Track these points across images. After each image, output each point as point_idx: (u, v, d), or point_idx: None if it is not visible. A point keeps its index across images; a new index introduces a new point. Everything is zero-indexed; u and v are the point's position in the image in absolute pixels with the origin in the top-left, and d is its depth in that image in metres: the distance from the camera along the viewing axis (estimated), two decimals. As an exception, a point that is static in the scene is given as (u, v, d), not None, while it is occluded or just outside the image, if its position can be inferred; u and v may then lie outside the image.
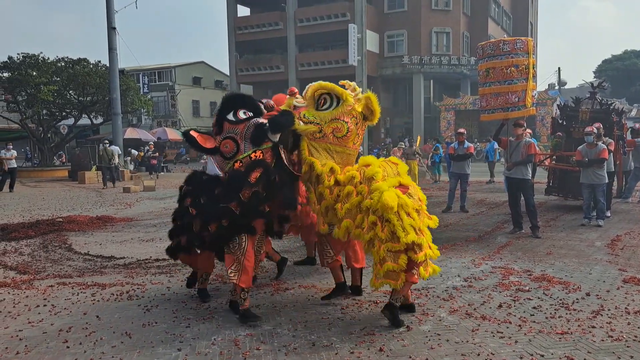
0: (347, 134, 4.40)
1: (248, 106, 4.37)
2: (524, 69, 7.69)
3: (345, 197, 4.15)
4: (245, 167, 4.14)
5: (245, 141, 4.20)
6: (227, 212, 4.11)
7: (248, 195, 4.10)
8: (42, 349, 3.73)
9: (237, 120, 4.25)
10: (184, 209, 4.48)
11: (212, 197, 4.23)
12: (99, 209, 11.61)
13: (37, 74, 22.75)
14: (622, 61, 50.66)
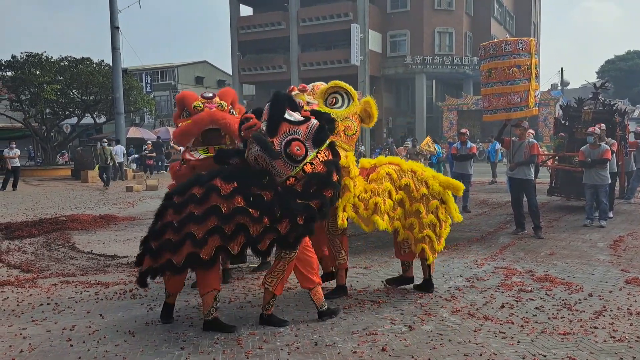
0: (355, 133, 4.59)
1: (294, 106, 4.12)
2: (526, 69, 7.69)
3: (385, 193, 4.44)
4: (325, 166, 3.93)
5: (306, 142, 3.89)
6: (312, 210, 3.87)
7: (330, 195, 3.98)
8: (46, 347, 3.74)
9: (298, 121, 3.92)
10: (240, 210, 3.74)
11: (288, 193, 3.86)
12: (102, 208, 11.64)
13: (40, 73, 22.80)
14: (625, 61, 50.57)
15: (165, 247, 3.74)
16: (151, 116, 38.03)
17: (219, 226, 3.66)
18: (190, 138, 4.83)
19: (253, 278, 5.51)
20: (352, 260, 6.26)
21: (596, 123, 9.24)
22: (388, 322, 4.14)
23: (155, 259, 3.80)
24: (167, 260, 3.74)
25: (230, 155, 4.12)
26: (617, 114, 10.42)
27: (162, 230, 3.78)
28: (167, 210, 3.85)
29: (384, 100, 37.85)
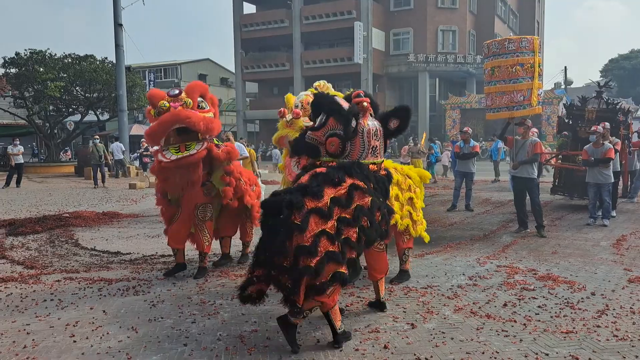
0: None
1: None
2: (529, 67, 7.67)
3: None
4: (383, 169, 4.02)
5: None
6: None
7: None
8: (49, 343, 3.76)
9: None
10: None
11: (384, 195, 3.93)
12: (105, 205, 11.67)
13: (44, 70, 22.84)
14: (629, 60, 50.30)
15: (330, 260, 3.40)
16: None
17: (366, 226, 3.61)
18: (158, 139, 4.89)
19: (255, 275, 5.51)
20: (354, 258, 6.27)
21: (600, 122, 9.21)
22: (390, 319, 4.14)
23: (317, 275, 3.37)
24: (337, 273, 3.45)
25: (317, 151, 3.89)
26: (621, 113, 10.39)
27: (315, 244, 3.35)
28: (304, 218, 3.38)
29: (387, 99, 37.80)
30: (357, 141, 3.78)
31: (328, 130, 3.75)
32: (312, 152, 3.86)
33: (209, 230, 5.49)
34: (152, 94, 5.12)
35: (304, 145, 3.88)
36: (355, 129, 3.75)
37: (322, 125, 3.79)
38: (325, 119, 3.79)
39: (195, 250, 5.76)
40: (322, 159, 3.82)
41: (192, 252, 6.47)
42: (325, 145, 3.77)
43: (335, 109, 3.75)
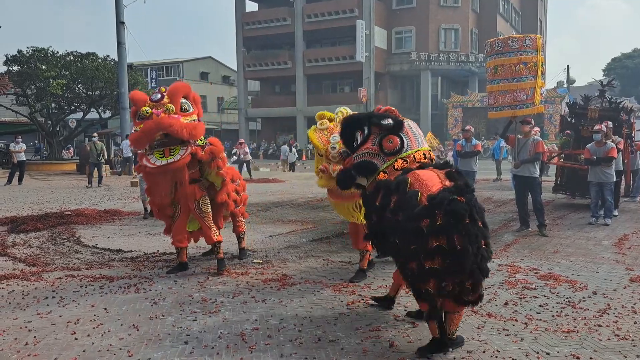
0: None
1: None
2: (532, 66, 7.65)
3: None
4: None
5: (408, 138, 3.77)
6: None
7: None
8: (51, 340, 3.77)
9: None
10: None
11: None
12: (107, 203, 11.68)
13: (46, 67, 22.86)
14: (632, 59, 50.20)
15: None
16: (156, 111, 38.00)
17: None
18: (143, 145, 4.99)
19: (257, 274, 5.52)
20: (355, 257, 6.27)
21: (602, 121, 9.20)
22: (392, 318, 4.14)
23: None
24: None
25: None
26: (624, 112, 10.37)
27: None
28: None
29: (389, 97, 37.78)
30: (408, 131, 3.77)
31: (375, 136, 3.75)
32: (370, 168, 3.74)
33: (211, 221, 5.57)
34: (135, 97, 5.13)
35: (360, 167, 3.78)
36: (400, 121, 3.76)
37: (368, 136, 3.81)
38: (367, 131, 3.83)
39: (196, 248, 5.76)
40: (383, 166, 3.69)
41: (192, 249, 6.49)
42: (382, 149, 3.70)
43: (369, 117, 3.82)
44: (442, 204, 3.14)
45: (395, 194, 3.36)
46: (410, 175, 3.43)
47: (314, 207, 10.94)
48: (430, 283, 3.19)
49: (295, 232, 8.07)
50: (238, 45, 39.74)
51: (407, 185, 3.35)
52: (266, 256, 6.38)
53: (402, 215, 3.27)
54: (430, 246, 3.13)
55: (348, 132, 3.95)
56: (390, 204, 3.38)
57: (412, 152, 3.72)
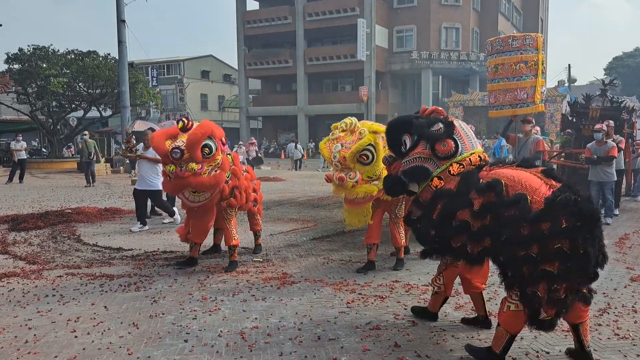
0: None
1: None
2: (532, 65, 7.65)
3: None
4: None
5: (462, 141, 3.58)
6: None
7: None
8: (51, 338, 3.77)
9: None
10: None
11: None
12: (107, 201, 11.68)
13: (47, 66, 22.86)
14: (634, 58, 50.15)
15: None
16: (157, 110, 38.11)
17: None
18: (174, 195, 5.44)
19: (257, 272, 5.52)
20: (355, 256, 6.28)
21: (604, 120, 9.18)
22: (391, 317, 4.14)
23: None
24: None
25: None
26: (625, 111, 10.35)
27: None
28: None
29: (390, 96, 37.76)
30: (460, 133, 3.57)
31: (427, 140, 3.54)
32: (423, 174, 3.53)
33: (235, 226, 5.77)
34: (154, 144, 5.18)
35: (411, 173, 3.57)
36: (450, 123, 3.57)
37: (419, 140, 3.59)
38: (416, 134, 3.61)
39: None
40: (436, 172, 3.50)
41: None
42: (435, 153, 3.50)
43: (418, 120, 3.66)
44: (566, 206, 2.94)
45: (483, 196, 3.15)
46: (498, 176, 3.20)
47: (315, 205, 10.93)
48: (540, 286, 2.98)
49: (296, 230, 8.06)
50: (239, 43, 39.72)
51: (502, 187, 3.11)
52: (266, 255, 6.39)
53: (504, 219, 3.03)
54: (550, 250, 2.93)
55: (394, 135, 3.77)
56: (471, 207, 3.16)
57: (467, 155, 3.51)
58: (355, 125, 5.01)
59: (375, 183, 4.87)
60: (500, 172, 3.27)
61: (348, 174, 4.82)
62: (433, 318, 4.05)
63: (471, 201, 3.20)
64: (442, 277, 3.89)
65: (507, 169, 3.33)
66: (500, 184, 3.14)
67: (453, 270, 3.85)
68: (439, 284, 3.90)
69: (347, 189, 4.86)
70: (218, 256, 6.31)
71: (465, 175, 3.42)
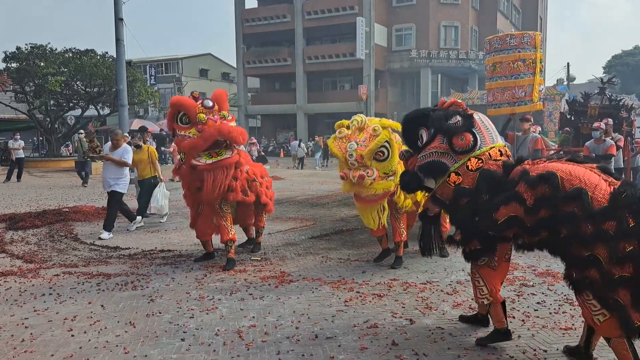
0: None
1: None
2: (530, 63, 7.64)
3: None
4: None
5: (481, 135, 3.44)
6: None
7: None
8: (47, 336, 3.76)
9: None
10: None
11: None
12: (105, 200, 11.62)
13: (44, 64, 22.81)
14: (633, 57, 50.10)
15: None
16: (155, 108, 38.07)
17: None
18: (200, 151, 5.17)
19: (255, 271, 5.51)
20: (354, 254, 6.27)
21: (602, 118, 9.17)
22: (389, 315, 4.13)
23: None
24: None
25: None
26: (624, 110, 10.35)
27: None
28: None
29: (389, 95, 37.72)
30: (479, 126, 3.43)
31: (444, 134, 3.40)
32: (439, 169, 3.40)
33: (230, 221, 5.81)
34: (183, 103, 5.30)
35: (428, 168, 3.44)
36: (469, 116, 3.45)
37: (435, 135, 3.45)
38: (433, 128, 3.46)
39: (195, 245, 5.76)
40: (454, 167, 3.35)
41: (194, 246, 6.47)
42: (452, 147, 3.35)
43: (434, 113, 3.51)
44: (632, 204, 2.75)
45: (535, 190, 2.96)
46: (551, 169, 2.99)
47: (314, 204, 10.92)
48: (620, 293, 2.77)
49: (294, 229, 8.05)
50: (238, 42, 39.64)
51: (558, 180, 2.90)
52: (264, 253, 6.37)
53: (563, 215, 2.85)
54: (620, 252, 2.72)
55: (411, 130, 3.63)
56: (523, 201, 2.99)
57: (487, 150, 3.37)
58: (366, 122, 5.01)
59: (392, 179, 4.91)
60: (552, 166, 3.06)
61: (366, 171, 4.81)
62: (508, 336, 3.55)
63: (519, 195, 3.01)
64: (484, 287, 3.52)
65: (558, 163, 3.13)
66: (555, 176, 2.92)
67: (491, 272, 3.54)
68: (484, 294, 3.52)
69: (366, 187, 4.86)
70: (225, 254, 6.26)
71: (485, 173, 3.28)
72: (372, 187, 4.88)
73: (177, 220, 9.02)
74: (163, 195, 8.53)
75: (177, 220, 9.01)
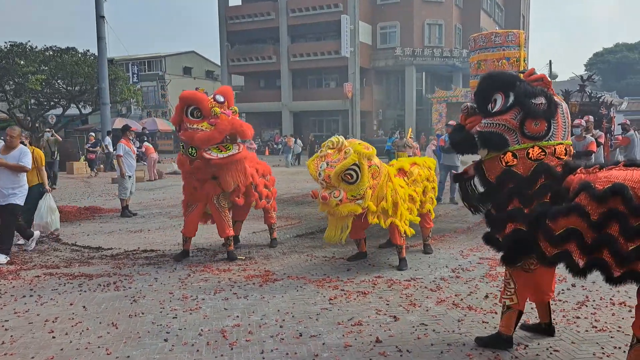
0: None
1: None
2: (514, 61, 7.75)
3: None
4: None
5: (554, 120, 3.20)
6: None
7: None
8: (28, 339, 3.70)
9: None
10: None
11: None
12: (87, 200, 11.52)
13: (24, 62, 22.48)
14: (614, 54, 50.81)
15: None
16: (138, 107, 37.69)
17: None
18: (213, 143, 5.33)
19: (239, 270, 5.49)
20: (339, 252, 6.28)
21: (583, 115, 9.31)
22: (373, 312, 4.15)
23: None
24: None
25: None
26: (604, 107, 10.51)
27: None
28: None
29: (374, 93, 37.79)
30: (559, 118, 3.19)
31: (520, 110, 3.12)
32: (500, 143, 3.15)
33: (227, 216, 5.95)
34: (196, 97, 5.43)
35: (488, 137, 3.17)
36: (555, 103, 3.19)
37: (511, 107, 3.15)
38: (513, 99, 3.16)
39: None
40: (514, 147, 3.15)
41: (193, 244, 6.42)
42: (522, 128, 3.12)
43: (525, 92, 3.15)
44: None
45: (600, 204, 2.73)
46: (616, 179, 2.76)
47: (299, 202, 10.91)
48: None
49: (279, 228, 8.01)
50: (222, 39, 39.37)
51: (630, 192, 2.67)
52: (249, 252, 6.35)
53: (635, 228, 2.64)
54: None
55: (488, 89, 3.30)
56: (587, 215, 2.77)
57: (554, 144, 3.16)
58: (342, 143, 5.00)
59: (359, 202, 4.85)
60: (616, 175, 2.80)
61: (332, 192, 4.80)
62: (509, 344, 3.45)
63: (581, 208, 2.79)
64: (513, 288, 3.40)
65: (620, 170, 2.85)
66: (626, 188, 2.66)
67: (526, 277, 3.39)
68: (510, 294, 3.40)
69: (331, 207, 4.84)
70: (209, 253, 6.25)
71: (544, 167, 3.09)
72: (338, 208, 4.82)
73: (161, 219, 8.95)
74: (48, 210, 6.95)
75: (160, 219, 8.93)
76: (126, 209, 9.34)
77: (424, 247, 6.26)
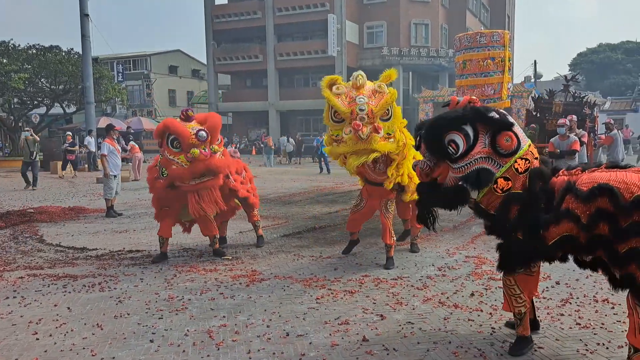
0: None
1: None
2: (499, 61, 7.81)
3: None
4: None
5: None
6: None
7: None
8: (11, 341, 3.65)
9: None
10: None
11: None
12: (71, 200, 11.38)
13: (7, 61, 22.18)
14: (597, 54, 51.45)
15: None
16: (123, 106, 37.32)
17: None
18: (185, 181, 5.43)
19: (226, 270, 5.47)
20: (326, 251, 6.29)
21: (567, 115, 9.42)
22: (360, 311, 4.16)
23: None
24: None
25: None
26: (587, 106, 10.65)
27: None
28: None
29: (361, 92, 37.81)
30: (515, 124, 3.15)
31: (484, 135, 3.09)
32: (488, 177, 3.06)
33: (211, 216, 5.91)
34: (176, 128, 5.41)
35: (475, 178, 3.07)
36: (504, 113, 3.19)
37: (476, 138, 3.09)
38: (471, 128, 3.09)
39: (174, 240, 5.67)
40: (500, 172, 3.07)
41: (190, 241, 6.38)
42: (496, 150, 3.06)
43: (478, 113, 3.12)
44: None
45: (588, 205, 2.77)
46: (600, 180, 2.80)
47: (286, 202, 10.89)
48: None
49: (266, 227, 8.01)
50: (208, 38, 39.14)
51: (616, 191, 2.72)
52: (235, 252, 6.33)
53: (626, 228, 2.67)
54: None
55: (439, 137, 3.14)
56: (577, 219, 2.79)
57: (527, 148, 3.12)
58: (365, 82, 5.15)
59: (392, 140, 4.93)
60: (600, 176, 2.86)
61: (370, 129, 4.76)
62: (531, 341, 3.46)
63: (570, 212, 2.82)
64: (522, 294, 3.37)
65: (603, 172, 2.92)
66: (612, 188, 2.72)
67: (528, 279, 3.41)
68: (522, 302, 3.36)
69: (375, 143, 4.73)
70: (195, 253, 6.22)
71: (536, 171, 3.07)
72: (378, 145, 4.78)
73: (146, 220, 8.87)
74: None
75: (146, 220, 8.85)
76: (111, 209, 9.26)
77: (411, 246, 6.30)
